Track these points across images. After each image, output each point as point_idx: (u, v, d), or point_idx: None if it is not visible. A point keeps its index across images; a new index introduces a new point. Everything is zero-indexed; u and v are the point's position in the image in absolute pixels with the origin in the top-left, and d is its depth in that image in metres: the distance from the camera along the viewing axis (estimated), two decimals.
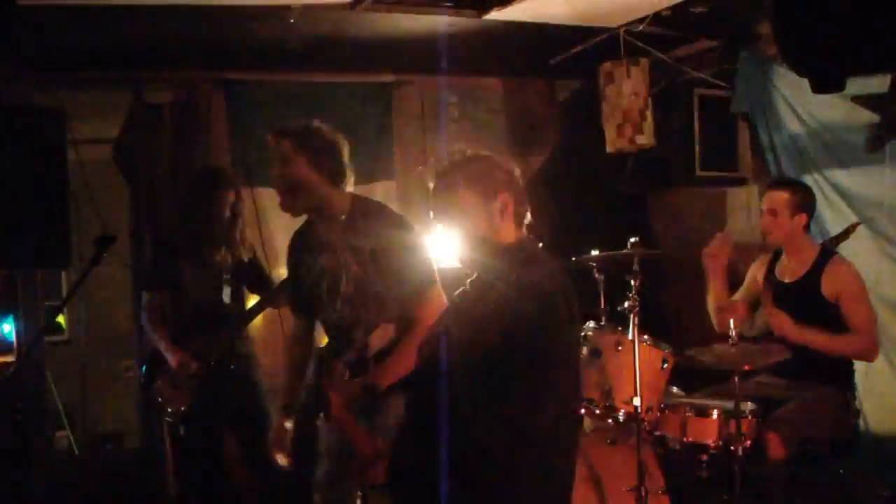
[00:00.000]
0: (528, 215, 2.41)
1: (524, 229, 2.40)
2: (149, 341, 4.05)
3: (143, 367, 4.06)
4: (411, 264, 2.89)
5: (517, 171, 2.41)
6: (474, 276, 2.40)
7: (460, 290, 2.47)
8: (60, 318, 5.92)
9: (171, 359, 3.84)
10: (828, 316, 3.67)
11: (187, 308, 3.99)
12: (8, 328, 4.35)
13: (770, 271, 3.94)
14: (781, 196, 3.76)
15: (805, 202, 3.79)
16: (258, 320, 4.17)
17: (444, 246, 3.14)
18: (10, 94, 4.43)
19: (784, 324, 3.60)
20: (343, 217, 2.96)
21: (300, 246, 3.13)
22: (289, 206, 2.95)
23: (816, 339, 3.58)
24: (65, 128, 3.83)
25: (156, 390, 3.94)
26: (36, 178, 3.65)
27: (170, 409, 3.89)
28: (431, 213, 2.38)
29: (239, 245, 4.01)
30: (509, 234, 2.34)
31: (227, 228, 3.95)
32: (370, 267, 2.89)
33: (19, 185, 3.61)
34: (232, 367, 3.91)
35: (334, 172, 2.94)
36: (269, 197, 3.80)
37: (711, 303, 3.98)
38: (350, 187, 3.02)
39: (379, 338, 2.90)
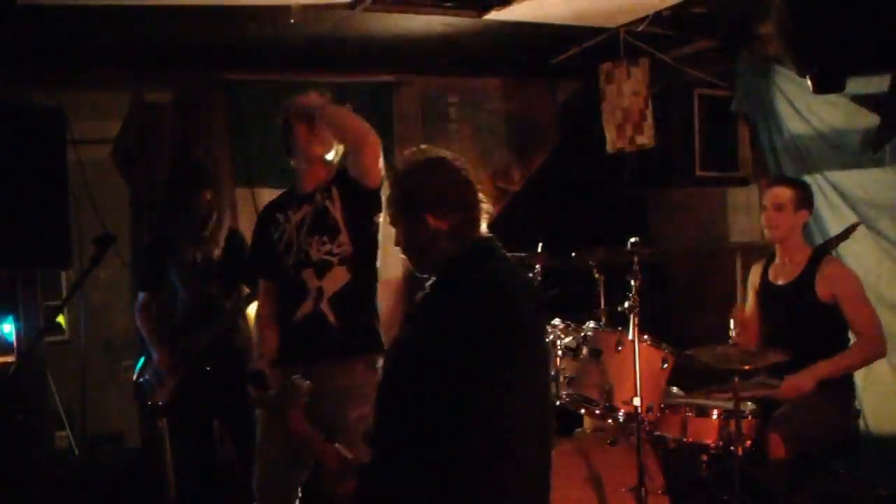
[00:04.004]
0: (482, 214, 2.24)
1: (477, 229, 2.23)
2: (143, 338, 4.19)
3: (140, 361, 4.15)
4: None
5: (464, 174, 2.25)
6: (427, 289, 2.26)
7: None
8: (60, 318, 5.91)
9: (154, 354, 4.00)
10: (822, 317, 3.67)
11: (176, 306, 4.07)
12: (8, 328, 4.34)
13: (764, 276, 3.94)
14: (786, 192, 3.80)
15: (807, 199, 3.82)
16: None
17: None
18: (10, 94, 4.43)
19: (800, 386, 3.59)
20: (330, 177, 3.23)
21: (275, 208, 3.35)
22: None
23: (829, 370, 3.59)
24: (65, 128, 3.83)
25: (142, 384, 4.04)
26: (36, 178, 3.65)
27: (149, 403, 3.99)
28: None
29: (210, 243, 4.02)
30: (454, 240, 2.19)
31: (201, 226, 3.97)
32: (334, 194, 3.17)
33: (19, 186, 3.60)
34: (208, 367, 3.92)
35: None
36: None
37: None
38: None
39: (335, 280, 3.13)
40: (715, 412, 3.49)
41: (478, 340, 2.03)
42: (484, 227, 2.26)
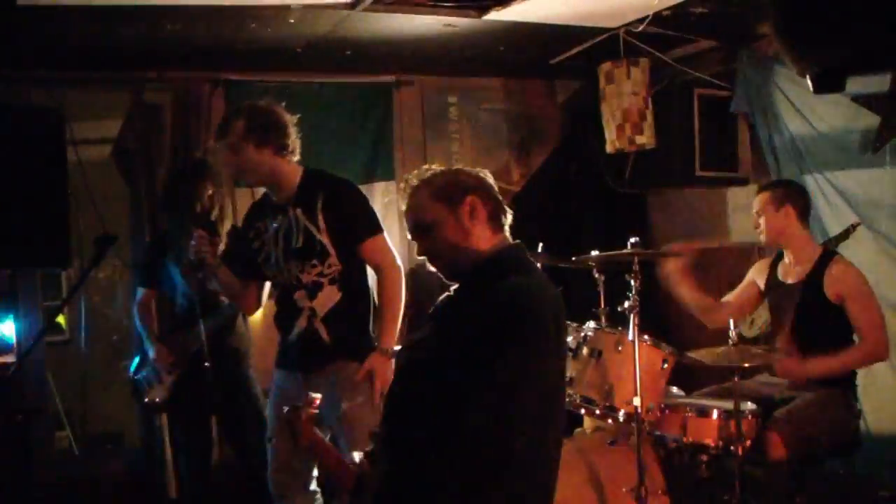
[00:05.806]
0: (508, 218, 2.30)
1: (504, 232, 2.28)
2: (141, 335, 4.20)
3: (135, 359, 4.16)
4: (357, 214, 3.23)
5: (488, 178, 2.33)
6: (451, 291, 2.29)
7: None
8: (60, 318, 5.92)
9: (151, 350, 4.02)
10: (831, 318, 3.66)
11: (175, 303, 4.09)
12: (8, 328, 4.34)
13: (772, 274, 3.94)
14: (762, 197, 3.82)
15: (786, 195, 3.80)
16: (259, 318, 4.19)
17: None
18: (10, 94, 4.43)
19: (792, 370, 3.62)
20: (296, 183, 3.26)
21: (254, 214, 3.45)
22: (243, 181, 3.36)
23: (825, 367, 3.59)
24: (65, 128, 3.83)
25: (139, 381, 4.05)
26: (36, 178, 3.65)
27: (146, 400, 4.00)
28: (408, 234, 2.31)
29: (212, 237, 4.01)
30: (484, 238, 2.23)
31: (200, 221, 3.96)
32: (319, 220, 3.18)
33: (19, 186, 3.60)
34: (206, 363, 3.91)
35: (280, 147, 3.19)
36: None
37: (693, 307, 4.02)
38: (296, 158, 3.28)
39: (326, 299, 3.22)
40: (715, 412, 3.49)
41: (499, 348, 2.01)
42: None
